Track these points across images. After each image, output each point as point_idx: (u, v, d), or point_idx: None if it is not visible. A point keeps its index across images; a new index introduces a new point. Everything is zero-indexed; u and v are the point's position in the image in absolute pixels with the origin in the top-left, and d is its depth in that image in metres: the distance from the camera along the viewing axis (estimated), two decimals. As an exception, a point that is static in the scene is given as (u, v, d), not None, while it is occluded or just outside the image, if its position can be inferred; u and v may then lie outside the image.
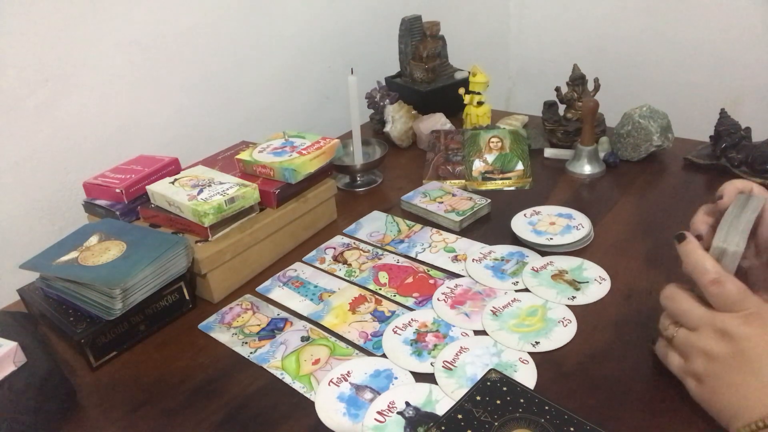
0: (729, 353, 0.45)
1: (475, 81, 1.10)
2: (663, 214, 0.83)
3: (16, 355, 0.56)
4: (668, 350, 0.51)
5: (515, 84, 1.82)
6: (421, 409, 0.54)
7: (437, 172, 0.99)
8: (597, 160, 0.95)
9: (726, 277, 0.46)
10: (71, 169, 0.87)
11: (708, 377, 0.46)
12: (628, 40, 1.51)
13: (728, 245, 0.48)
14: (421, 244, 0.81)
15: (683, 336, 0.49)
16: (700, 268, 0.47)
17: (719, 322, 0.46)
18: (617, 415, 0.52)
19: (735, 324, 0.45)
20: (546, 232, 0.78)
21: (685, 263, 0.49)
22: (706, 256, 0.48)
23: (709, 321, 0.47)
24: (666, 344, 0.52)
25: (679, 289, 0.50)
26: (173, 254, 0.67)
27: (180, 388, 0.61)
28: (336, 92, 1.27)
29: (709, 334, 0.46)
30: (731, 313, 0.46)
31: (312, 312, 0.70)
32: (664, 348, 0.52)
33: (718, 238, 0.49)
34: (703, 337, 0.47)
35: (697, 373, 0.47)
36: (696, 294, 0.49)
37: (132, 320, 0.66)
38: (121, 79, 0.91)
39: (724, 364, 0.45)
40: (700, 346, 0.47)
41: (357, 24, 1.30)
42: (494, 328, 0.64)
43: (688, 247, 0.49)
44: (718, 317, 0.46)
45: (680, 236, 0.50)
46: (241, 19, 1.07)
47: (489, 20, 1.70)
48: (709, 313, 0.47)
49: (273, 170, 0.80)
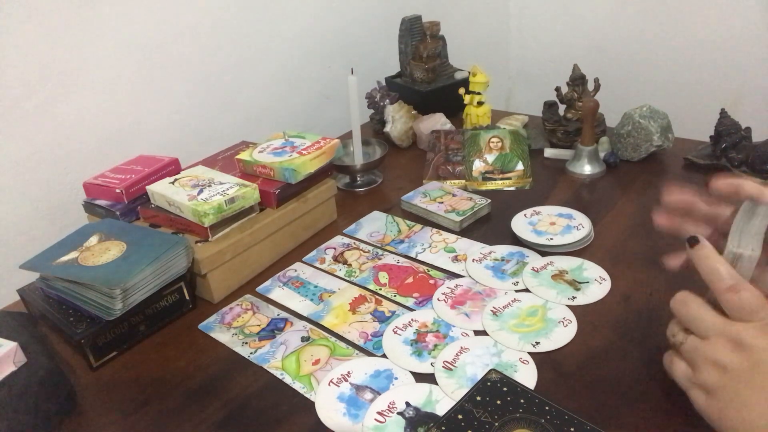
0: (743, 366, 0.42)
1: (475, 81, 1.10)
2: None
3: (16, 355, 0.56)
4: (674, 358, 0.49)
5: (515, 84, 1.82)
6: (422, 410, 0.54)
7: (437, 172, 0.99)
8: (597, 160, 0.95)
9: (743, 284, 0.44)
10: (71, 169, 0.87)
11: (718, 391, 0.43)
12: (628, 40, 1.51)
13: (744, 249, 0.46)
14: (421, 244, 0.81)
15: (693, 344, 0.46)
16: (716, 274, 0.45)
17: (734, 331, 0.43)
18: (617, 415, 0.52)
19: (751, 334, 0.42)
20: (546, 232, 0.78)
21: (700, 268, 0.46)
22: (721, 261, 0.46)
23: (722, 330, 0.44)
24: (673, 352, 0.49)
25: (693, 295, 0.48)
26: (173, 254, 0.67)
27: (180, 388, 0.61)
28: (336, 92, 1.27)
29: (722, 343, 0.44)
30: (747, 322, 0.43)
31: (312, 312, 0.70)
32: (670, 353, 0.50)
33: (731, 243, 0.47)
34: (715, 346, 0.44)
35: (705, 385, 0.44)
36: (709, 301, 0.47)
37: (132, 320, 0.66)
38: (121, 79, 0.91)
39: (737, 377, 0.42)
40: (711, 356, 0.44)
41: (357, 24, 1.30)
42: (494, 329, 0.64)
43: (702, 251, 0.47)
44: (732, 326, 0.43)
45: (692, 239, 0.47)
46: (241, 20, 1.07)
47: (489, 20, 1.70)
48: (722, 321, 0.44)
49: (273, 170, 0.80)
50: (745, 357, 0.42)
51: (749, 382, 0.42)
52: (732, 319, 0.44)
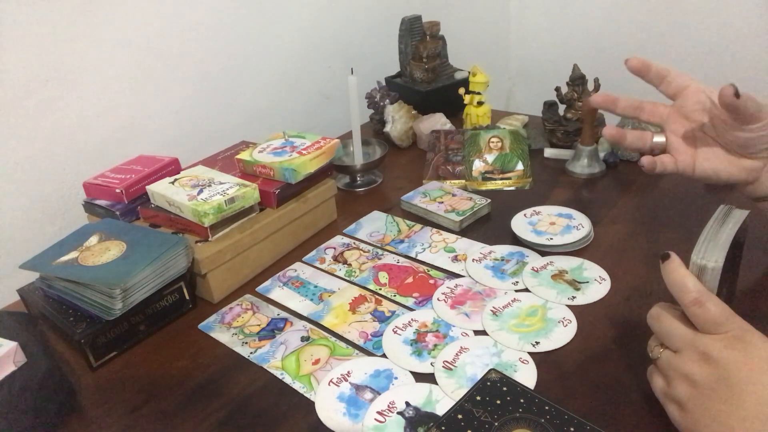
0: (712, 379, 0.43)
1: (475, 81, 1.10)
2: (663, 214, 0.83)
3: (16, 355, 0.56)
4: (654, 373, 0.49)
5: (515, 84, 1.82)
6: (421, 409, 0.54)
7: (437, 172, 0.99)
8: (597, 160, 0.95)
9: (707, 296, 0.44)
10: (71, 169, 0.87)
11: (689, 404, 0.44)
12: (628, 40, 1.51)
13: (708, 261, 0.47)
14: (421, 244, 0.81)
15: (666, 358, 0.47)
16: (682, 287, 0.45)
17: (701, 344, 0.44)
18: (617, 415, 0.52)
19: (717, 347, 0.43)
20: (546, 232, 0.78)
21: (668, 282, 0.47)
22: (688, 275, 0.46)
23: (690, 342, 0.45)
24: (653, 366, 0.50)
25: (666, 309, 0.49)
26: (173, 254, 0.68)
27: (180, 388, 0.61)
28: (336, 92, 1.27)
29: (691, 356, 0.44)
30: (714, 335, 0.44)
31: (312, 312, 0.70)
32: (651, 368, 0.50)
33: (696, 254, 0.47)
34: (685, 360, 0.45)
35: (678, 398, 0.45)
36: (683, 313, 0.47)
37: (132, 320, 0.66)
38: (121, 79, 0.91)
39: (706, 390, 0.43)
40: (681, 369, 0.45)
41: (357, 24, 1.30)
42: (494, 328, 0.64)
43: (670, 266, 0.47)
44: (700, 339, 0.44)
45: (664, 255, 0.48)
46: (241, 19, 1.07)
47: (489, 20, 1.70)
48: (691, 335, 0.45)
49: (273, 170, 0.80)
50: (712, 370, 0.43)
51: (718, 395, 0.42)
52: (700, 331, 0.45)
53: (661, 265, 0.48)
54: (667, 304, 0.49)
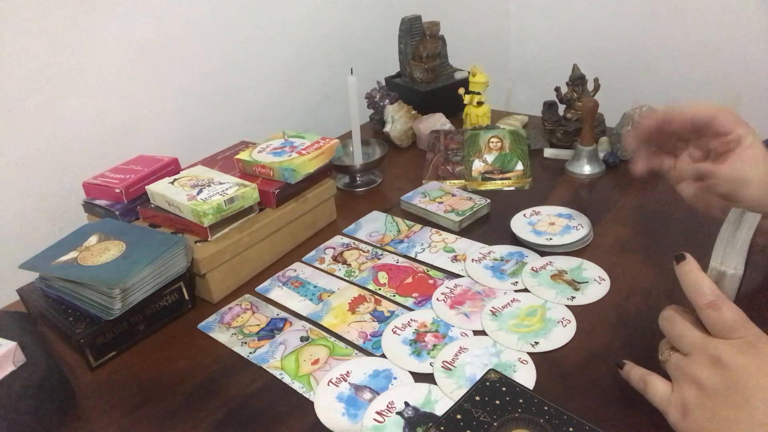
0: (721, 384, 0.42)
1: (475, 81, 1.10)
2: (663, 214, 0.83)
3: (15, 355, 0.56)
4: (650, 378, 0.48)
5: (515, 84, 1.82)
6: (420, 410, 0.54)
7: (437, 172, 0.99)
8: (597, 160, 0.95)
9: (723, 301, 0.44)
10: (71, 169, 0.87)
11: (696, 409, 0.43)
12: (628, 40, 1.51)
13: (727, 268, 0.46)
14: (421, 244, 0.81)
15: (675, 360, 0.46)
16: (698, 290, 0.45)
17: (713, 348, 0.43)
18: (616, 415, 0.52)
19: (729, 352, 0.42)
20: (545, 232, 0.78)
21: (683, 284, 0.46)
22: (704, 278, 0.45)
23: (702, 346, 0.44)
24: (645, 372, 0.49)
25: (679, 311, 0.48)
26: (173, 254, 0.68)
27: (179, 388, 0.61)
28: (336, 92, 1.27)
29: (702, 360, 0.44)
30: (727, 340, 0.43)
31: (311, 312, 0.70)
32: (642, 375, 0.49)
33: (715, 260, 0.47)
34: (696, 363, 0.44)
35: (684, 401, 0.44)
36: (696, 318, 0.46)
37: (131, 320, 0.66)
38: (121, 79, 0.91)
39: (715, 395, 0.42)
40: (690, 372, 0.44)
41: (357, 24, 1.30)
42: (493, 329, 0.64)
43: (686, 267, 0.46)
44: (712, 343, 0.43)
45: (679, 256, 0.47)
46: (240, 19, 1.07)
47: (489, 20, 1.70)
48: (703, 338, 0.44)
49: (272, 170, 0.80)
50: (722, 375, 0.42)
51: (726, 400, 0.41)
52: (713, 335, 0.44)
53: (676, 266, 0.47)
54: (680, 307, 0.49)
